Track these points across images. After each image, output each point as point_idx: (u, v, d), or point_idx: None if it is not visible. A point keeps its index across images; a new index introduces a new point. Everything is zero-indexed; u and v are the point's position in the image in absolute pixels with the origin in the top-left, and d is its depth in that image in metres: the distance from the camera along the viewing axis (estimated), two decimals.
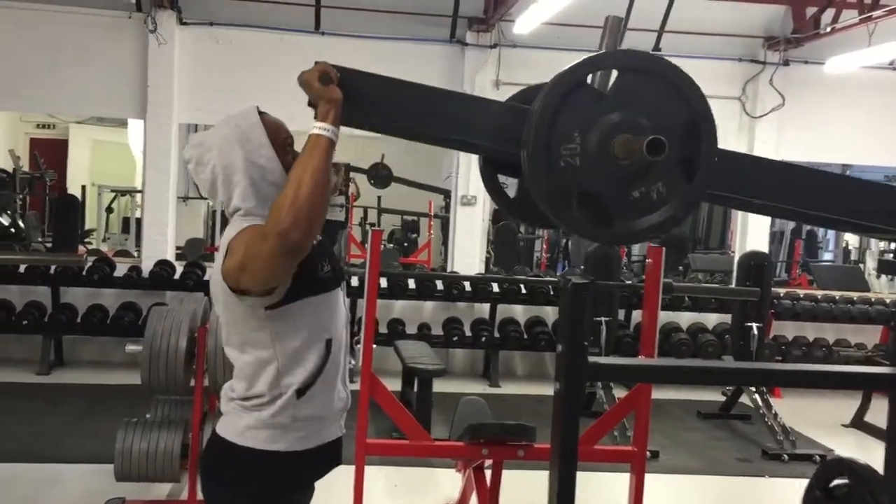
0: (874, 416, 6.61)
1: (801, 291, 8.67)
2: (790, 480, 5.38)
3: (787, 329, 8.17)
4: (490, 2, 7.81)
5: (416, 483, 4.95)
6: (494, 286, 7.63)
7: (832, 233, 14.54)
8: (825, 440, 6.23)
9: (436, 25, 7.96)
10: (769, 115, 8.33)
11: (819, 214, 1.99)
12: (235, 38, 7.63)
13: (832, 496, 2.09)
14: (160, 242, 7.67)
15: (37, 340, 7.09)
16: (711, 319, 8.09)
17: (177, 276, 7.37)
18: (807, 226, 13.83)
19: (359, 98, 1.78)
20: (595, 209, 1.78)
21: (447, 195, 10.23)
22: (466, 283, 7.55)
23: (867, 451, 6.12)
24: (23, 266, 7.27)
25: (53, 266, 7.24)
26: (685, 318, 8.02)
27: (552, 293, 7.51)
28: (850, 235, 13.89)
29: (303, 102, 1.79)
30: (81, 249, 10.06)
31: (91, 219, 13.01)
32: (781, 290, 8.46)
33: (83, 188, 12.80)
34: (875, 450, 6.01)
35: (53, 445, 5.14)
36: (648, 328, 3.79)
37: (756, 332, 6.29)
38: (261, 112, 1.96)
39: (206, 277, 7.15)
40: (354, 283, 6.64)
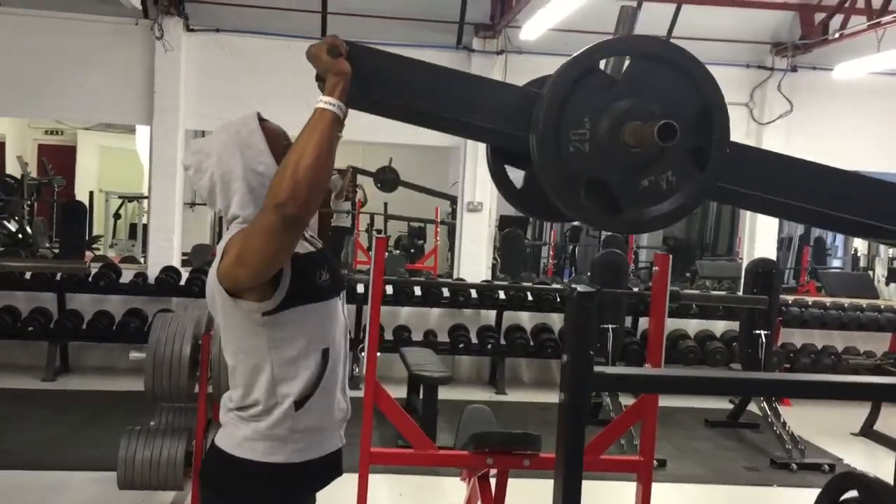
0: (884, 425, 6.56)
1: (810, 299, 8.61)
2: (799, 490, 5.33)
3: (796, 336, 8.11)
4: (497, 8, 7.81)
5: (421, 492, 4.91)
6: (501, 293, 7.61)
7: (841, 239, 14.45)
8: (834, 449, 6.17)
9: (442, 32, 7.95)
10: (777, 122, 8.29)
11: (833, 214, 1.93)
12: (242, 45, 7.64)
13: None
14: (166, 248, 7.67)
15: (42, 347, 7.09)
16: (719, 327, 8.05)
17: (183, 283, 7.37)
18: (815, 232, 13.76)
19: (368, 74, 1.73)
20: (603, 197, 1.75)
21: (454, 201, 10.21)
22: (472, 290, 7.53)
23: (876, 461, 6.07)
24: (28, 272, 7.27)
25: (59, 272, 7.23)
26: (693, 326, 7.98)
27: (559, 300, 7.48)
28: (860, 242, 13.81)
29: (309, 110, 1.76)
30: (88, 255, 10.07)
31: (99, 225, 13.04)
32: (790, 297, 8.40)
33: (91, 194, 12.82)
34: (884, 459, 5.99)
35: (58, 452, 5.13)
36: (655, 336, 3.76)
37: (764, 340, 6.25)
38: (262, 119, 1.94)
39: None
40: (360, 290, 6.62)
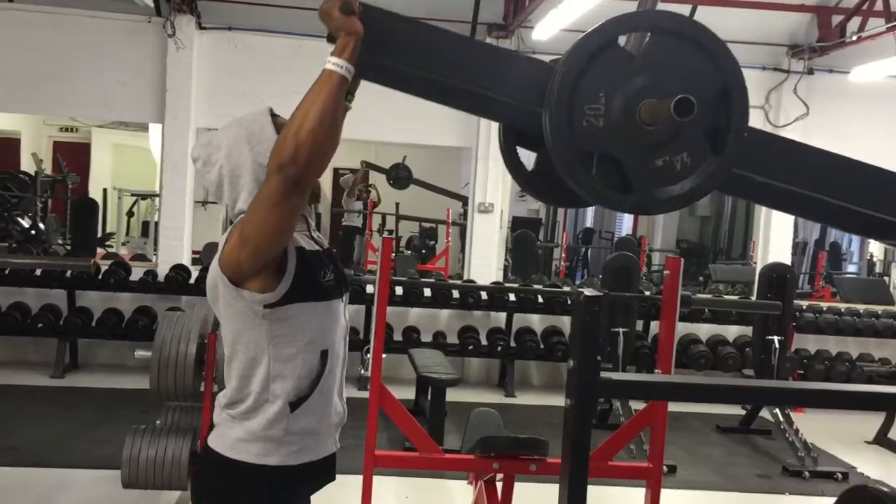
0: None
1: (825, 304, 8.51)
2: (811, 499, 5.26)
3: (809, 342, 8.01)
4: (510, 8, 7.75)
5: (428, 494, 4.87)
6: (511, 295, 7.55)
7: (856, 245, 14.30)
8: (847, 457, 6.09)
9: (456, 31, 7.89)
10: (793, 125, 8.19)
11: (853, 208, 1.86)
12: (254, 43, 7.62)
13: None
14: (177, 247, 7.65)
15: (52, 343, 7.09)
16: (732, 331, 7.96)
17: (192, 281, 7.35)
18: (830, 237, 13.64)
19: (379, 36, 1.69)
20: (615, 175, 1.71)
21: (465, 202, 10.16)
22: (483, 292, 7.48)
23: (890, 469, 5.98)
24: (38, 269, 7.28)
25: (67, 270, 7.23)
26: (704, 330, 7.89)
27: (569, 303, 7.42)
28: (876, 248, 13.66)
29: None
30: (101, 253, 10.09)
31: (112, 222, 13.08)
32: (804, 303, 8.31)
33: (104, 192, 12.86)
34: None
35: (64, 450, 5.11)
36: (666, 341, 3.70)
37: (778, 346, 6.17)
38: (274, 114, 1.91)
39: None
40: (370, 290, 6.58)
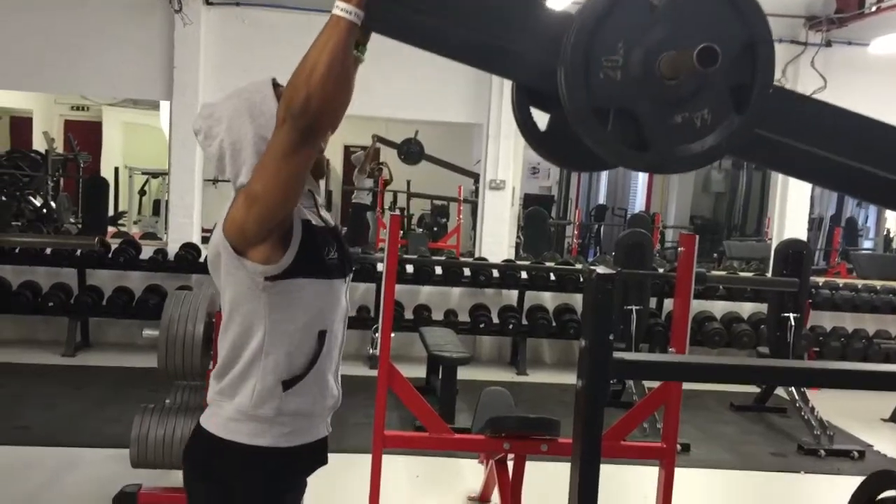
0: None
1: (841, 281, 8.39)
2: (827, 477, 5.20)
3: (826, 320, 7.92)
4: None
5: (439, 473, 4.83)
6: (523, 273, 7.48)
7: (873, 220, 14.13)
8: (864, 435, 6.01)
9: None
10: None
11: (887, 177, 1.78)
12: (262, 18, 7.52)
13: None
14: (186, 225, 7.61)
15: (63, 322, 7.10)
16: (746, 308, 7.87)
17: (202, 259, 7.32)
18: (847, 212, 13.47)
19: None
20: (632, 131, 1.65)
21: (477, 179, 10.08)
22: (494, 270, 7.41)
23: None
24: (49, 248, 7.27)
25: (71, 248, 7.22)
26: (719, 307, 7.81)
27: (581, 280, 7.34)
28: (893, 222, 13.48)
29: None
30: (112, 231, 10.08)
31: (124, 201, 13.07)
32: (820, 279, 8.20)
33: (116, 171, 12.84)
34: None
35: (73, 429, 5.11)
36: (680, 319, 3.62)
37: (793, 323, 6.08)
38: (276, 84, 1.83)
39: None
40: (380, 268, 6.53)
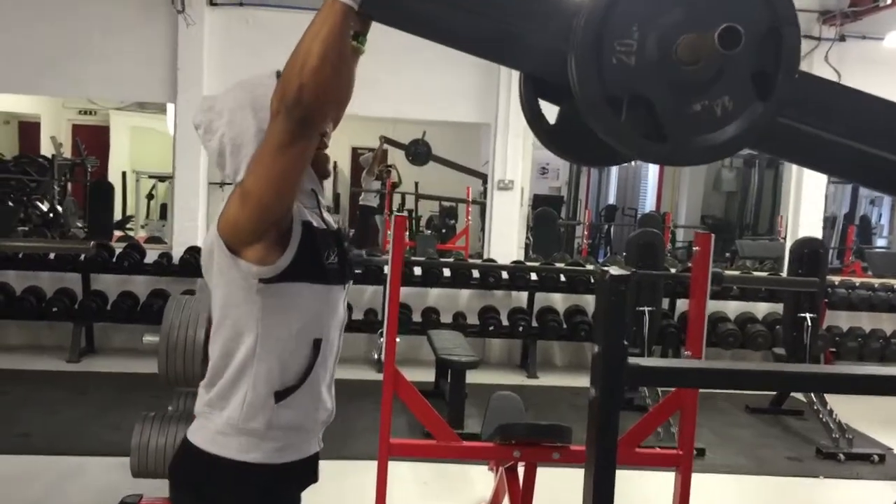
0: None
1: (857, 280, 8.24)
2: (847, 482, 5.07)
3: (842, 319, 7.77)
4: None
5: (447, 481, 4.72)
6: (532, 274, 7.37)
7: (886, 218, 13.94)
8: (884, 438, 5.86)
9: None
10: None
11: None
12: (266, 19, 7.42)
13: None
14: (190, 229, 7.52)
15: (67, 328, 7.02)
16: (760, 308, 7.73)
17: None
18: (860, 210, 13.28)
19: None
20: (647, 121, 1.54)
21: (485, 180, 9.97)
22: (503, 271, 7.30)
23: None
24: (52, 252, 7.21)
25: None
26: (732, 308, 7.67)
27: (592, 281, 7.22)
28: None
29: None
30: (117, 235, 10.01)
31: (132, 205, 13.02)
32: (836, 279, 8.05)
33: (123, 175, 12.79)
34: None
35: (75, 437, 5.02)
36: (696, 321, 3.50)
37: (810, 323, 5.95)
38: (280, 76, 1.74)
39: None
40: (386, 271, 6.42)
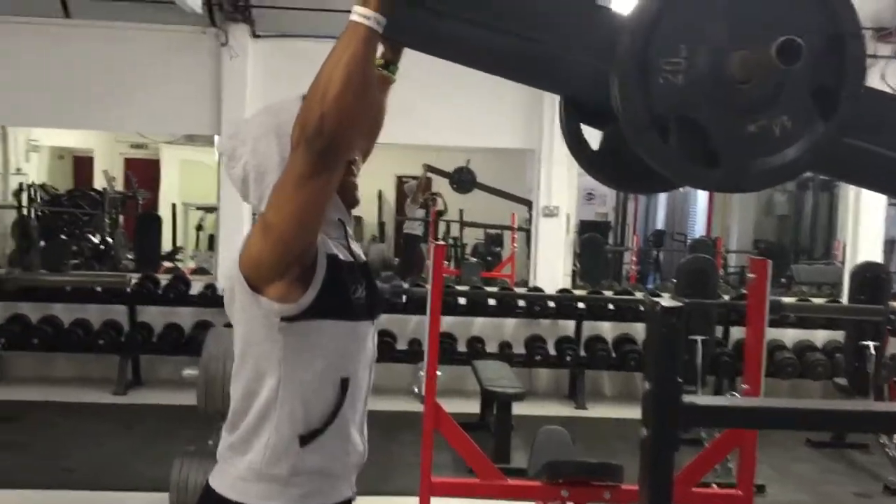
0: None
1: None
2: None
3: None
4: None
5: None
6: (580, 302, 7.21)
7: None
8: None
9: None
10: None
11: None
12: (309, 50, 7.37)
13: None
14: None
15: (114, 360, 7.05)
16: (820, 336, 7.43)
17: None
18: None
19: None
20: (698, 144, 1.41)
21: (531, 206, 9.86)
22: (550, 301, 7.15)
23: None
24: (99, 286, 7.28)
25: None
26: (790, 336, 7.37)
27: (642, 309, 7.02)
28: None
29: None
30: (166, 266, 10.10)
31: (181, 236, 13.21)
32: None
33: (173, 206, 12.98)
34: None
35: (117, 471, 5.00)
36: (753, 351, 3.32)
37: (873, 352, 5.67)
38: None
39: None
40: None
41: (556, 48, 1.49)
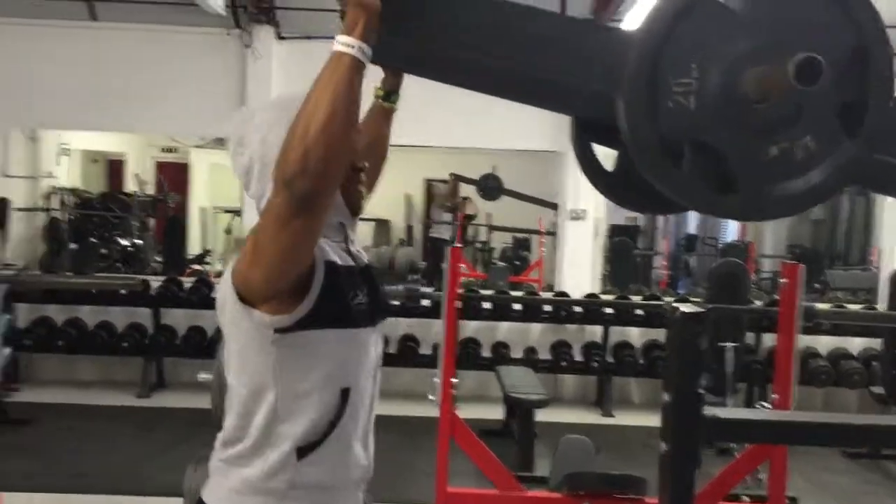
0: None
1: None
2: None
3: None
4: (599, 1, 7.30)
5: None
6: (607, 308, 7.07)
7: None
8: None
9: None
10: None
11: None
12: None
13: None
14: None
15: (138, 362, 7.05)
16: (855, 344, 7.21)
17: None
18: None
19: (403, 8, 1.35)
20: (713, 169, 1.31)
21: (558, 210, 9.74)
22: (576, 306, 7.02)
23: None
24: (122, 289, 7.28)
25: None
26: (824, 343, 7.17)
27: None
28: None
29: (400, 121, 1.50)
30: (191, 268, 10.13)
31: (210, 239, 13.26)
32: None
33: (202, 210, 13.03)
34: None
35: (135, 476, 4.95)
36: (783, 359, 3.18)
37: None
38: None
39: None
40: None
41: (558, 72, 1.39)
